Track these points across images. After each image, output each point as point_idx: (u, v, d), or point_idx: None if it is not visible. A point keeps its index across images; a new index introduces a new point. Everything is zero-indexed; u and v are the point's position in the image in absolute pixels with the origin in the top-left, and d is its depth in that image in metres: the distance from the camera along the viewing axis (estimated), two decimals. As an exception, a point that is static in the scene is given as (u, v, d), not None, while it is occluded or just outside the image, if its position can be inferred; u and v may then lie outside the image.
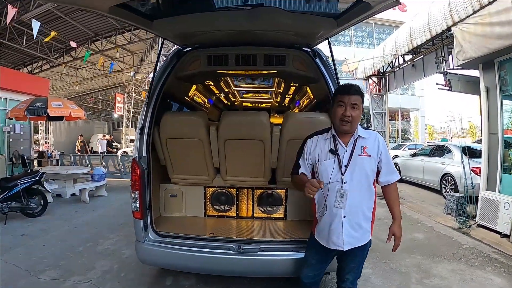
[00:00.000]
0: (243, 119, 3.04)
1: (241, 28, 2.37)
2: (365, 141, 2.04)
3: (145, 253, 2.78)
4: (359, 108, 1.98)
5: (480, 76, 6.08)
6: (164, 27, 2.43)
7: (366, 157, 2.00)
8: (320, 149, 2.08)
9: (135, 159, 2.73)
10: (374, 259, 4.04)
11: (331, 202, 2.00)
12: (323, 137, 2.12)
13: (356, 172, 1.99)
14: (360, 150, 2.01)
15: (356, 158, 1.99)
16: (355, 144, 2.02)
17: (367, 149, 2.01)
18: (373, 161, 2.02)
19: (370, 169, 2.01)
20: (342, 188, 1.98)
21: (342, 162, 2.00)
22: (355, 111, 1.97)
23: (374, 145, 2.03)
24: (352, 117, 1.95)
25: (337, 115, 1.98)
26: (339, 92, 2.04)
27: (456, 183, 7.71)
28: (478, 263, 4.07)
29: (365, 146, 2.02)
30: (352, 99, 1.96)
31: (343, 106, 1.97)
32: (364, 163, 2.00)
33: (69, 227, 5.44)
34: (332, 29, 2.23)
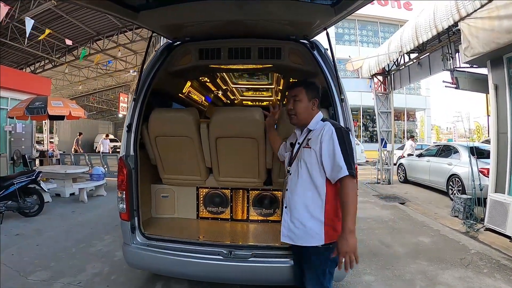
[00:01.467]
0: (234, 115, 2.87)
1: (231, 17, 2.22)
2: (312, 133, 1.97)
3: (133, 256, 2.64)
4: (301, 100, 2.00)
5: (489, 73, 5.88)
6: (151, 18, 2.28)
7: (308, 148, 1.92)
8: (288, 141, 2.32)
9: (122, 158, 2.59)
10: (377, 265, 3.86)
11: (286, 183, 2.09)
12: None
13: (297, 163, 1.96)
14: (306, 142, 1.97)
15: (301, 150, 1.97)
16: (306, 136, 2.01)
17: (310, 141, 1.94)
18: (313, 153, 1.89)
19: (310, 161, 1.90)
20: (286, 178, 2.07)
21: (293, 153, 2.07)
22: (296, 103, 2.01)
23: (318, 137, 1.89)
24: (294, 109, 2.01)
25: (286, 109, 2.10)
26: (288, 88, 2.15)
27: (463, 185, 7.48)
28: (487, 270, 3.87)
29: (309, 138, 1.96)
30: (293, 92, 2.03)
31: (288, 101, 2.07)
32: (305, 155, 1.93)
33: (64, 227, 5.35)
34: (330, 17, 2.05)
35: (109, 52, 15.58)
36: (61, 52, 14.90)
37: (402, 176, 11.07)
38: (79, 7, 10.58)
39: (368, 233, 5.11)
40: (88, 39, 13.95)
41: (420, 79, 10.51)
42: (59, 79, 20.95)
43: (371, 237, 4.88)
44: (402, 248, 4.51)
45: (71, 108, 9.01)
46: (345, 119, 2.41)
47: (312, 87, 2.03)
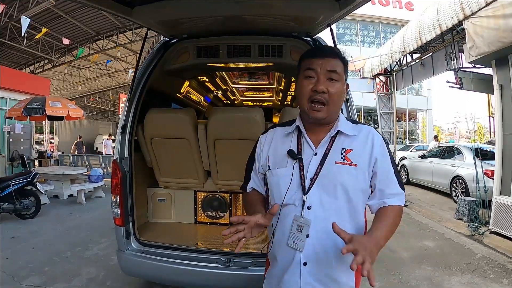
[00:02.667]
0: (233, 116, 2.75)
1: (230, 13, 2.10)
2: (350, 140, 1.23)
3: (127, 263, 2.53)
4: (341, 81, 1.19)
5: (493, 73, 5.78)
6: (146, 14, 2.16)
7: (349, 166, 1.18)
8: (275, 149, 1.30)
9: (115, 160, 2.48)
10: (381, 271, 3.74)
11: (283, 237, 1.22)
12: (282, 131, 1.32)
13: (329, 190, 1.17)
14: (340, 154, 1.20)
15: (331, 168, 1.18)
16: (331, 143, 1.22)
17: (351, 154, 1.20)
18: (360, 173, 1.19)
19: (354, 187, 1.18)
20: (302, 216, 1.17)
21: (306, 173, 1.20)
22: (335, 84, 1.17)
23: (365, 147, 1.22)
24: (329, 94, 1.15)
25: (304, 92, 1.18)
26: (306, 55, 1.24)
27: (467, 186, 7.36)
28: (493, 275, 3.76)
29: (349, 149, 1.21)
30: (329, 64, 1.17)
31: (312, 78, 1.17)
32: (344, 176, 1.17)
33: (60, 230, 5.26)
34: (334, 12, 1.94)
35: (109, 52, 15.48)
36: (61, 52, 14.81)
37: (404, 177, 10.96)
38: (77, 7, 10.51)
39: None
40: (87, 39, 13.86)
41: (423, 79, 10.44)
42: (59, 80, 20.86)
43: (375, 241, 4.76)
44: (406, 252, 4.40)
45: (69, 108, 8.93)
46: None
47: (347, 62, 1.27)
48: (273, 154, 1.29)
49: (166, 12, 2.14)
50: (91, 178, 7.90)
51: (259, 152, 1.36)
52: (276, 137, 1.33)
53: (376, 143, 1.23)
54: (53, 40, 13.24)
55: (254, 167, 1.38)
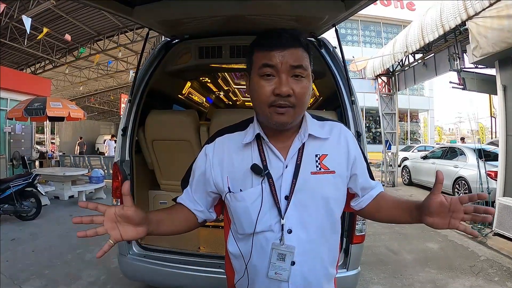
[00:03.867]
0: (236, 118, 2.69)
1: (233, 12, 2.06)
2: (321, 143, 1.03)
3: (128, 267, 2.49)
4: (307, 76, 0.95)
5: (497, 73, 5.74)
6: (147, 14, 2.12)
7: (327, 174, 1.00)
8: (231, 166, 1.03)
9: (116, 163, 2.44)
10: (385, 274, 3.70)
11: (262, 269, 1.00)
12: (237, 140, 1.05)
13: (309, 206, 0.98)
14: (314, 161, 1.00)
15: (308, 179, 0.98)
16: (302, 150, 1.00)
17: (326, 160, 1.01)
18: (339, 180, 1.02)
19: (335, 197, 1.01)
20: (282, 242, 0.96)
21: (279, 191, 0.98)
22: (301, 82, 0.93)
23: (340, 149, 1.04)
24: (296, 95, 0.92)
25: (263, 95, 0.93)
26: (261, 46, 0.96)
27: (470, 188, 7.31)
28: (498, 278, 3.72)
29: (324, 155, 1.01)
30: (293, 57, 0.92)
31: (272, 77, 0.92)
32: (324, 187, 0.99)
33: (61, 231, 5.21)
34: (340, 12, 1.89)
35: (110, 53, 15.46)
36: (61, 53, 14.80)
37: (406, 178, 10.91)
38: (78, 7, 10.49)
39: (374, 239, 4.95)
40: (88, 39, 13.84)
41: (426, 79, 10.38)
42: (60, 80, 20.85)
43: (378, 243, 4.73)
44: (410, 255, 4.36)
45: (70, 109, 8.90)
46: (356, 123, 2.24)
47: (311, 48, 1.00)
48: (231, 173, 1.02)
49: (167, 12, 2.10)
50: (92, 179, 7.87)
51: (205, 168, 1.06)
52: (228, 149, 1.05)
53: (350, 141, 1.05)
54: (54, 41, 13.23)
55: (190, 182, 1.11)
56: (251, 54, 0.98)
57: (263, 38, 0.97)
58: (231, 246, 1.07)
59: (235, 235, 1.06)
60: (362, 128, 2.25)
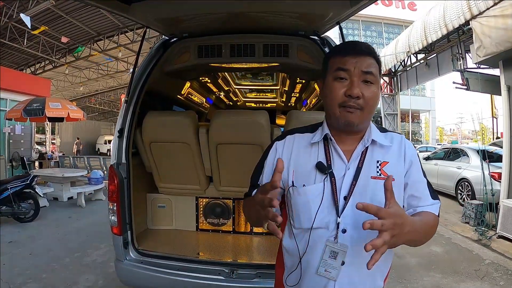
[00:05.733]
0: (237, 119, 2.61)
1: (233, 10, 1.99)
2: (384, 151, 1.07)
3: (125, 273, 2.41)
4: (376, 83, 1.03)
5: (501, 74, 5.68)
6: (144, 11, 2.05)
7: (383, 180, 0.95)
8: (297, 162, 1.10)
9: (112, 166, 2.36)
10: (389, 278, 3.56)
11: (313, 265, 1.03)
12: (306, 140, 1.13)
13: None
14: (375, 167, 1.04)
15: (367, 183, 1.02)
16: (364, 155, 1.06)
17: (387, 167, 1.04)
18: (397, 188, 0.99)
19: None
20: (336, 240, 1.00)
21: (339, 190, 1.02)
22: (371, 88, 1.01)
23: (399, 159, 1.07)
24: (364, 99, 0.99)
25: (335, 96, 1.01)
26: (337, 52, 1.07)
27: (473, 189, 7.22)
28: (503, 282, 3.65)
29: (385, 162, 1.05)
30: (365, 63, 1.01)
31: (345, 80, 1.01)
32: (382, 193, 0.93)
33: (60, 234, 5.16)
34: (344, 9, 1.81)
35: (110, 53, 15.41)
36: (61, 53, 14.75)
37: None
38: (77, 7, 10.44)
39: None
40: (88, 39, 13.79)
41: (428, 80, 10.31)
42: (60, 80, 20.81)
43: (381, 247, 4.64)
44: (414, 258, 4.27)
45: (69, 109, 8.83)
46: None
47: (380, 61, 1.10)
48: (296, 167, 1.08)
49: (165, 9, 2.03)
50: (91, 180, 7.80)
51: (273, 162, 1.13)
52: (297, 146, 1.12)
53: (408, 152, 1.08)
54: (53, 41, 13.18)
55: (261, 177, 1.16)
56: (327, 59, 1.09)
57: (339, 46, 1.12)
58: (286, 241, 1.11)
59: (291, 230, 1.09)
60: None
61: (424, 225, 0.98)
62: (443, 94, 55.31)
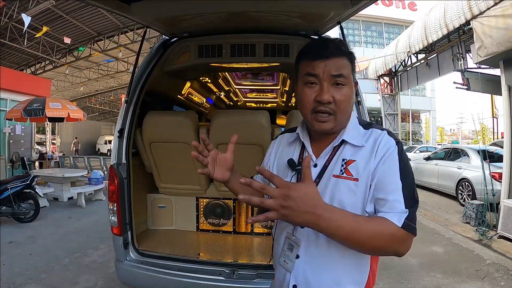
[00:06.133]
0: (237, 120, 2.60)
1: (234, 9, 1.98)
2: (355, 150, 1.01)
3: (125, 274, 2.40)
4: (348, 84, 0.99)
5: (501, 74, 5.66)
6: (144, 11, 2.04)
7: (348, 180, 0.97)
8: (279, 158, 1.17)
9: (112, 166, 2.35)
10: (390, 278, 3.61)
11: (277, 253, 1.10)
12: (288, 138, 1.19)
13: None
14: (340, 166, 1.00)
15: (329, 181, 1.00)
16: (333, 154, 1.04)
17: (352, 166, 0.99)
18: (362, 190, 0.96)
19: (353, 205, 0.95)
20: (293, 234, 1.04)
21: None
22: (342, 90, 0.98)
23: (371, 157, 0.97)
24: (336, 102, 0.98)
25: (306, 102, 1.01)
26: (305, 56, 1.03)
27: (474, 189, 7.21)
28: (504, 283, 3.64)
29: (351, 160, 0.99)
30: (334, 66, 0.97)
31: (315, 85, 0.99)
32: (342, 192, 0.97)
33: (60, 234, 5.14)
34: (345, 9, 1.80)
35: (110, 53, 15.42)
36: (62, 53, 14.76)
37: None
38: (78, 7, 10.44)
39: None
40: (88, 39, 13.79)
41: (428, 80, 10.30)
42: (60, 80, 20.83)
43: (381, 247, 4.63)
44: (414, 259, 4.26)
45: (69, 109, 8.82)
46: None
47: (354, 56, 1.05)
48: (277, 164, 1.18)
49: (165, 8, 2.02)
50: (91, 181, 7.80)
51: (267, 159, 1.25)
52: (282, 144, 1.21)
53: (382, 149, 0.97)
54: (54, 41, 13.19)
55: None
56: (298, 62, 1.06)
57: (308, 48, 1.05)
58: (273, 230, 1.19)
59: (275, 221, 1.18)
60: None
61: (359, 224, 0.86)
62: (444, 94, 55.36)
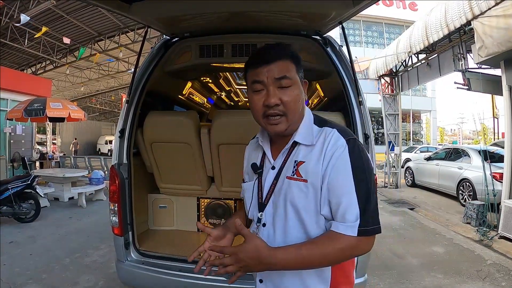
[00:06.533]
0: (239, 120, 2.58)
1: (235, 9, 1.97)
2: (307, 150, 1.04)
3: (126, 274, 2.40)
4: (294, 84, 1.03)
5: (502, 74, 5.64)
6: (145, 11, 2.03)
7: (299, 182, 1.01)
8: (248, 162, 1.23)
9: (113, 166, 2.35)
10: (390, 279, 3.61)
11: None
12: (254, 143, 1.25)
13: (280, 208, 1.05)
14: (292, 168, 1.04)
15: (283, 183, 1.05)
16: (287, 156, 1.08)
17: (302, 167, 1.02)
18: (311, 191, 1.00)
19: (306, 207, 1.00)
20: (257, 233, 1.08)
21: (263, 188, 1.11)
22: (287, 91, 1.02)
23: (320, 157, 1.00)
24: (284, 104, 1.01)
25: (256, 108, 1.05)
26: (249, 65, 1.08)
27: (475, 190, 7.20)
28: (505, 283, 3.64)
29: (301, 161, 1.03)
30: (276, 70, 1.01)
31: (261, 90, 1.03)
32: (294, 194, 1.01)
33: (60, 234, 5.15)
34: (347, 9, 1.79)
35: (111, 53, 15.44)
36: (62, 53, 14.77)
37: (409, 179, 10.80)
38: (78, 7, 10.45)
39: (378, 242, 4.83)
40: (89, 39, 13.80)
41: (429, 80, 10.26)
42: (61, 80, 20.85)
43: (382, 247, 4.62)
44: (415, 259, 4.26)
45: (70, 109, 8.83)
46: (364, 125, 2.14)
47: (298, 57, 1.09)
48: (247, 168, 1.23)
49: (166, 8, 2.01)
50: (92, 181, 7.81)
51: (245, 164, 1.30)
52: (251, 148, 1.27)
53: (330, 150, 0.99)
54: (54, 41, 13.20)
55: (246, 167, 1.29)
56: (245, 73, 1.10)
57: (251, 57, 1.08)
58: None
59: None
60: (370, 131, 2.13)
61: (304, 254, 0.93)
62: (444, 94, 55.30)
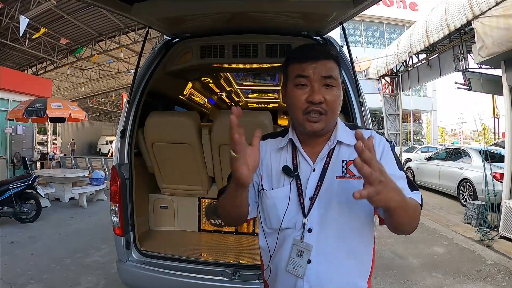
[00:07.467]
0: (241, 120, 2.59)
1: (236, 10, 1.98)
2: (351, 150, 1.01)
3: (127, 275, 2.40)
4: (337, 86, 1.02)
5: (503, 74, 5.65)
6: (146, 11, 2.04)
7: (352, 180, 1.01)
8: (267, 166, 1.12)
9: (114, 167, 2.35)
10: (391, 279, 3.61)
11: (281, 262, 1.08)
12: (274, 145, 1.15)
13: (333, 210, 1.02)
14: (341, 167, 1.04)
15: (333, 183, 1.03)
16: (330, 155, 1.06)
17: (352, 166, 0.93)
18: None
19: (360, 202, 0.92)
20: (302, 240, 1.02)
21: (304, 192, 1.04)
22: (332, 91, 1.01)
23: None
24: (327, 103, 0.99)
25: (298, 103, 1.01)
26: (295, 59, 1.05)
27: (475, 190, 7.20)
28: (505, 283, 3.64)
29: (351, 161, 1.01)
30: (324, 68, 1.00)
31: (305, 86, 1.01)
32: (349, 192, 0.92)
33: (61, 234, 5.16)
34: (348, 9, 1.80)
35: (111, 53, 15.45)
36: (63, 53, 14.79)
37: (410, 179, 10.78)
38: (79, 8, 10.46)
39: (379, 243, 4.85)
40: (89, 40, 13.81)
41: (430, 80, 10.28)
42: (61, 81, 20.88)
43: (383, 248, 4.63)
44: (416, 259, 4.26)
45: (71, 110, 8.83)
46: (364, 125, 2.13)
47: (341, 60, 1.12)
48: (267, 172, 1.12)
49: (167, 9, 2.02)
50: (92, 181, 7.80)
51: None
52: (268, 151, 1.14)
53: (377, 148, 1.02)
54: (55, 41, 13.22)
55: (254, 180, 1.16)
56: (286, 66, 1.08)
57: (297, 51, 1.07)
58: (261, 240, 1.15)
59: (264, 231, 1.14)
60: None
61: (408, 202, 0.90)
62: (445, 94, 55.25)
